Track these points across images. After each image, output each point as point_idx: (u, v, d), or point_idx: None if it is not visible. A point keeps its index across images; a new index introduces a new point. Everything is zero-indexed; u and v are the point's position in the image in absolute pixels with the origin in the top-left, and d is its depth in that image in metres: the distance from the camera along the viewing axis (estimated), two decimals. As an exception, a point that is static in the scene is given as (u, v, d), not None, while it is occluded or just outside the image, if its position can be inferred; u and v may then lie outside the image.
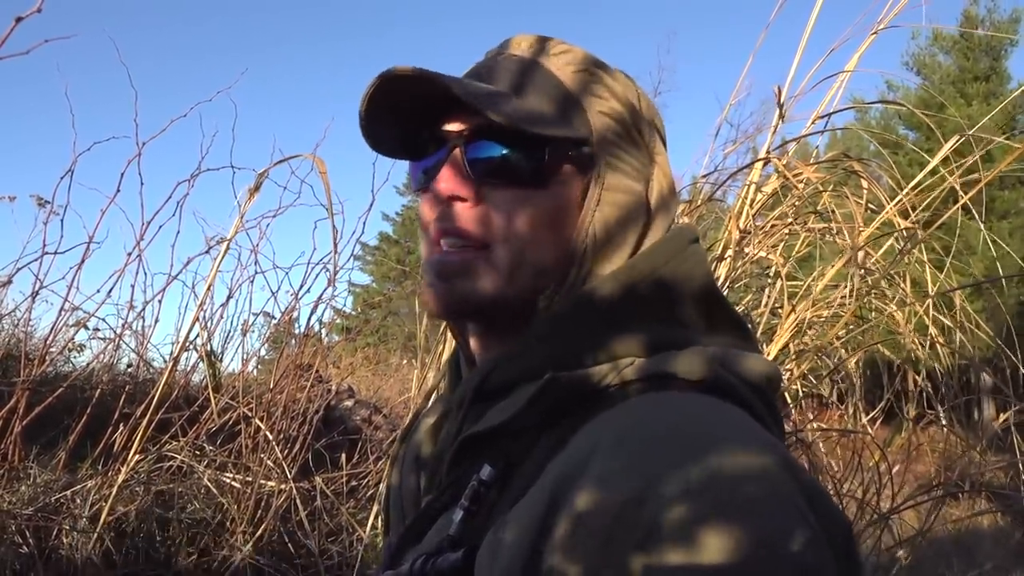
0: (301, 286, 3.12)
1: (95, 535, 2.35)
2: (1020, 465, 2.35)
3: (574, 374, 0.62)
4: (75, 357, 3.46)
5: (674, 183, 0.75)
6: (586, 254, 0.67)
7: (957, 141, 1.91)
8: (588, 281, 0.68)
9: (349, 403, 5.32)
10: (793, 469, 0.52)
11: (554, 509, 0.52)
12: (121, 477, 2.42)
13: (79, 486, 2.48)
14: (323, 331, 3.93)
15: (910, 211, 1.99)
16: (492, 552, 0.54)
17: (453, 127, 0.69)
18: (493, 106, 0.64)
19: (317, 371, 3.51)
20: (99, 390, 2.77)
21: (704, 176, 2.44)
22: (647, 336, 0.64)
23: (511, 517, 0.55)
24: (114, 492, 2.39)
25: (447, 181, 0.68)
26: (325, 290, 3.18)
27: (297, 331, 3.43)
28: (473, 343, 0.74)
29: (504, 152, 0.67)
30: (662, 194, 0.72)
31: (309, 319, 3.29)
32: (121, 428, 2.60)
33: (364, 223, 3.02)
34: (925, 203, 1.97)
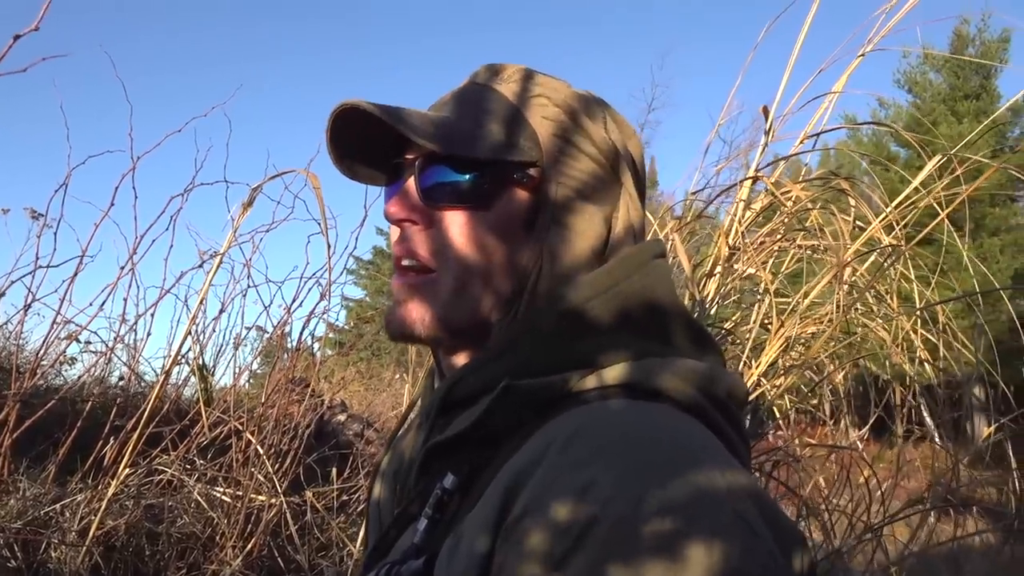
0: (294, 300, 3.13)
1: (84, 549, 2.34)
2: (1011, 481, 2.37)
3: (533, 382, 0.63)
4: (66, 370, 3.46)
5: (641, 207, 0.77)
6: (542, 275, 0.69)
7: (939, 160, 1.95)
8: (543, 298, 0.69)
9: (341, 417, 5.31)
10: (756, 491, 0.54)
11: (506, 509, 0.54)
12: (111, 491, 2.42)
13: (68, 500, 2.47)
14: (316, 345, 3.94)
15: (895, 227, 2.02)
16: (449, 557, 0.56)
17: (410, 155, 0.72)
18: (415, 129, 0.67)
19: (309, 385, 3.51)
20: (90, 403, 2.77)
21: (694, 193, 2.46)
22: (617, 346, 0.66)
23: (467, 521, 0.57)
24: (104, 506, 2.38)
25: (399, 206, 0.71)
26: (318, 304, 3.19)
27: (290, 345, 3.43)
28: (443, 356, 0.76)
29: (452, 176, 0.70)
30: (627, 220, 0.74)
31: (301, 333, 3.30)
32: (112, 442, 2.59)
33: (357, 238, 3.04)
34: (907, 220, 2.00)
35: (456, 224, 0.69)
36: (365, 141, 0.75)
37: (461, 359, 0.73)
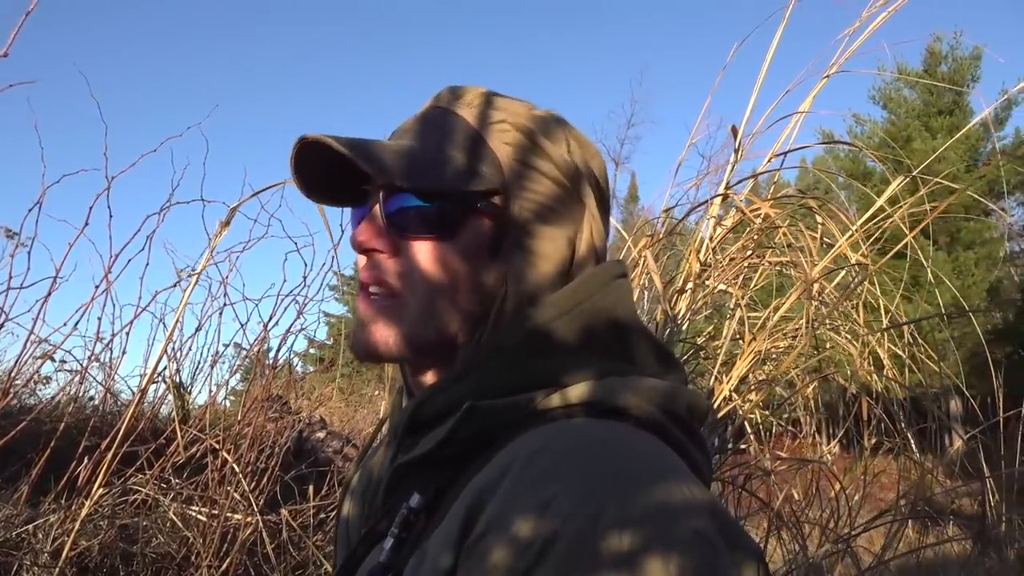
0: (271, 317, 3.13)
1: (57, 571, 2.32)
2: (986, 492, 2.41)
3: (496, 402, 0.64)
4: (40, 390, 3.43)
5: (604, 227, 0.78)
6: (507, 299, 0.70)
7: (904, 180, 1.99)
8: (508, 321, 0.70)
9: (321, 435, 5.28)
10: (715, 507, 0.56)
11: (468, 526, 0.55)
12: (84, 511, 2.39)
13: (41, 520, 2.44)
14: (295, 361, 3.93)
15: (862, 245, 2.06)
16: (413, 575, 0.57)
17: (378, 181, 0.73)
18: (381, 166, 0.68)
19: (287, 402, 3.50)
20: (64, 423, 2.74)
21: (666, 210, 2.50)
22: (580, 365, 0.67)
23: (432, 540, 0.58)
24: (77, 526, 2.36)
25: (366, 234, 0.72)
26: (295, 321, 3.20)
27: (268, 362, 3.42)
28: (411, 374, 0.77)
29: (417, 205, 0.71)
30: (590, 240, 0.75)
31: (278, 350, 3.29)
32: (86, 461, 2.57)
33: (334, 256, 3.05)
34: (875, 237, 2.04)
35: (422, 252, 0.71)
36: (332, 168, 0.75)
37: (428, 377, 0.75)
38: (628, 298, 0.74)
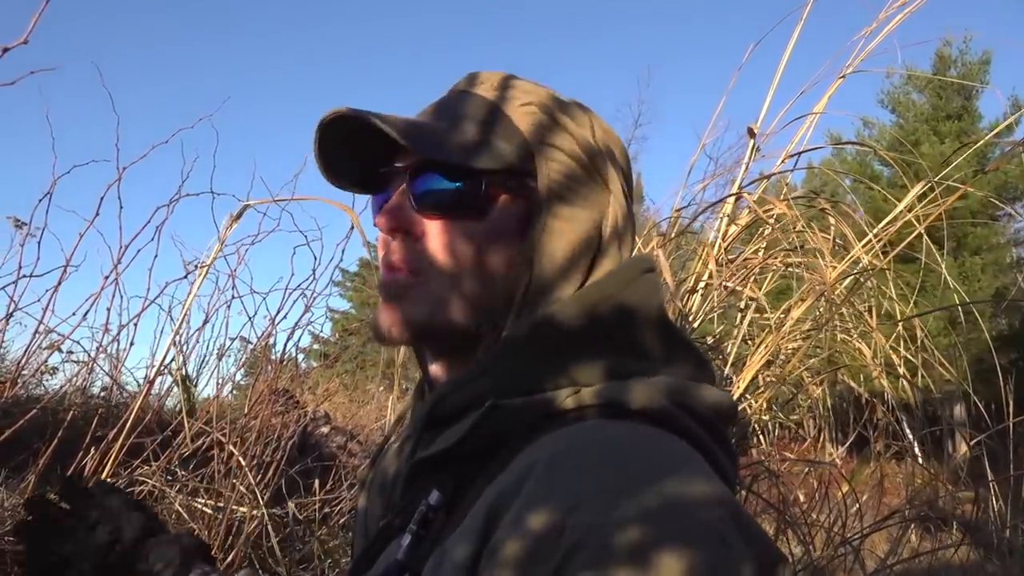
0: (278, 311, 3.13)
1: (62, 560, 2.32)
2: (990, 497, 2.40)
3: (516, 401, 0.63)
4: (48, 380, 3.43)
5: (630, 214, 0.75)
6: (531, 284, 0.68)
7: (923, 186, 1.98)
8: (533, 309, 0.68)
9: (325, 429, 5.28)
10: (730, 503, 0.54)
11: (490, 528, 0.55)
12: (91, 501, 2.39)
13: (48, 510, 2.44)
14: (300, 356, 3.92)
15: (875, 246, 2.05)
16: (433, 575, 0.57)
17: (401, 163, 0.72)
18: (418, 139, 0.67)
19: (292, 397, 3.50)
20: (71, 413, 2.75)
21: (679, 210, 2.49)
22: (600, 364, 0.65)
23: (451, 540, 0.57)
24: (83, 517, 2.36)
25: (389, 215, 0.71)
26: (302, 316, 3.20)
27: (274, 356, 3.42)
28: (432, 370, 0.76)
29: (444, 185, 0.69)
30: (615, 225, 0.73)
31: (285, 344, 3.29)
32: (92, 452, 2.57)
33: (343, 251, 3.05)
34: (887, 239, 2.03)
35: (444, 234, 0.69)
36: (353, 152, 0.74)
37: (441, 369, 0.74)
38: (656, 293, 0.72)
